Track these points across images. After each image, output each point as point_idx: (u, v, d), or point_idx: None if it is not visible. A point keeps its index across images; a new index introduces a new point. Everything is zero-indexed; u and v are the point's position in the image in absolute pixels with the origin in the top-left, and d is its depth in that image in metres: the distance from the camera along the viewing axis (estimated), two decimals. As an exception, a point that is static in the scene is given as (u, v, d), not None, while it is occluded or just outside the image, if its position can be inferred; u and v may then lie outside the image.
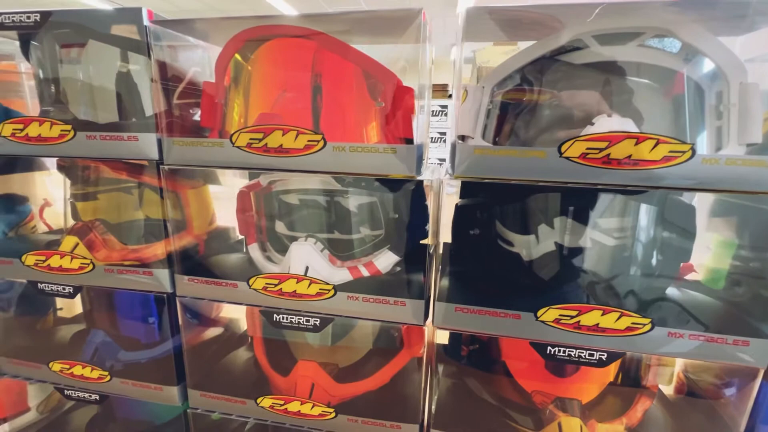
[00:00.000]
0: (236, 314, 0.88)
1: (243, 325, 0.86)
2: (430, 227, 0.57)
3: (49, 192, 0.87)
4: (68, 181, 0.75)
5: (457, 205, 0.57)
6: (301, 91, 0.59)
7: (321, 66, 0.58)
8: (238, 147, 0.54)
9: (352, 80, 0.59)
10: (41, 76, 0.66)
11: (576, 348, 0.51)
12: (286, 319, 0.59)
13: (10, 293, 0.81)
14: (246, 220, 0.71)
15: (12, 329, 0.76)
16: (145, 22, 0.54)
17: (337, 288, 0.56)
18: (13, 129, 0.60)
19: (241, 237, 0.81)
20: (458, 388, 0.61)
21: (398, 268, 0.64)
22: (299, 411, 0.63)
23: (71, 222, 0.76)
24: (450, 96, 3.08)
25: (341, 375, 0.69)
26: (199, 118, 0.67)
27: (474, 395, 0.63)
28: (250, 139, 0.53)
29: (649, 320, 0.47)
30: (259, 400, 0.64)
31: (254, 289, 0.59)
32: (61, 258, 0.63)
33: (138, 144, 0.57)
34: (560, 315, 0.50)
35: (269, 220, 0.71)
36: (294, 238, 0.70)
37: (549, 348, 0.51)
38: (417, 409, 0.63)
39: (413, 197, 0.61)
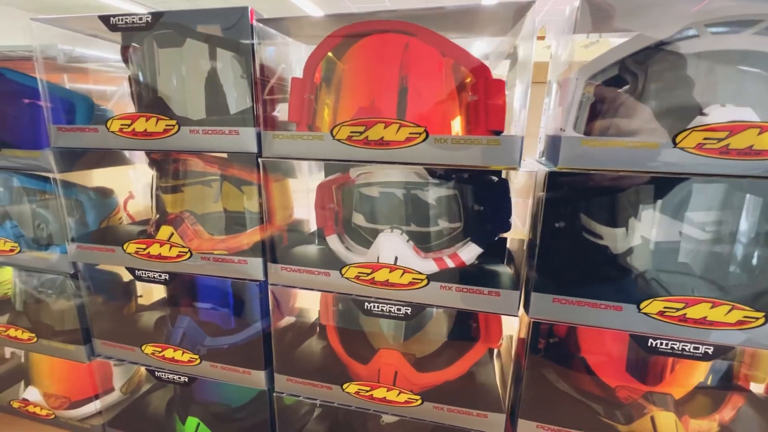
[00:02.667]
0: (305, 304, 0.90)
1: (312, 315, 0.89)
2: (528, 220, 0.57)
3: (133, 185, 0.92)
4: (155, 175, 0.79)
5: (546, 197, 0.57)
6: (391, 86, 0.60)
7: (411, 61, 0.59)
8: (338, 140, 0.55)
9: (441, 75, 0.60)
10: (140, 78, 0.70)
11: (680, 341, 0.50)
12: (378, 307, 0.61)
13: (98, 281, 0.86)
14: (325, 212, 0.73)
15: (102, 314, 0.81)
16: (251, 21, 0.57)
17: (430, 278, 0.58)
18: (121, 125, 0.63)
19: (313, 229, 0.84)
20: (539, 380, 0.62)
21: (476, 261, 0.65)
22: (384, 398, 0.64)
23: (156, 214, 0.81)
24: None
25: (418, 365, 0.70)
26: (277, 114, 0.69)
27: (556, 388, 0.63)
28: (351, 132, 0.55)
29: (762, 314, 0.47)
30: (345, 386, 0.66)
31: (346, 278, 0.61)
32: (160, 246, 0.67)
33: (238, 138, 0.60)
34: (665, 307, 0.49)
35: (348, 213, 0.73)
36: (374, 230, 0.72)
37: (650, 341, 0.51)
38: (499, 399, 0.64)
39: (499, 189, 0.62)
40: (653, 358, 0.62)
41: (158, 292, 0.98)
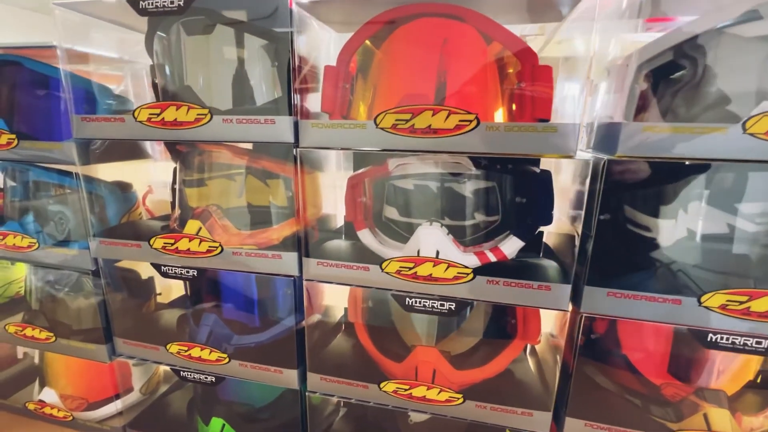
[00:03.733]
0: (329, 301, 0.88)
1: (336, 313, 0.86)
2: (568, 212, 0.55)
3: (150, 179, 0.90)
4: (178, 168, 0.76)
5: (603, 187, 0.55)
6: (432, 74, 0.58)
7: (454, 48, 0.57)
8: (382, 128, 0.53)
9: (485, 63, 0.58)
10: (166, 68, 0.67)
11: (742, 335, 0.48)
12: (420, 303, 0.58)
13: (116, 279, 0.83)
14: (356, 206, 0.71)
15: (122, 312, 0.78)
16: (290, 5, 0.54)
17: (476, 272, 0.56)
18: (150, 114, 0.61)
19: (339, 225, 0.82)
20: (586, 378, 0.60)
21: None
22: (424, 396, 0.62)
23: (178, 209, 0.78)
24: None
25: (454, 362, 0.68)
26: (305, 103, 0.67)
27: (601, 385, 0.61)
28: (396, 120, 0.52)
29: (831, 306, 0.45)
30: (382, 385, 0.64)
31: (387, 273, 0.58)
32: (189, 241, 0.64)
33: (274, 127, 0.58)
34: (728, 300, 0.48)
35: (380, 206, 0.71)
36: (407, 224, 0.70)
37: (711, 335, 0.49)
38: (542, 397, 0.62)
39: (542, 181, 0.60)
40: (699, 354, 0.60)
41: (177, 289, 0.95)
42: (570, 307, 0.55)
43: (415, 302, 0.59)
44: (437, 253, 0.58)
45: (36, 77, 0.71)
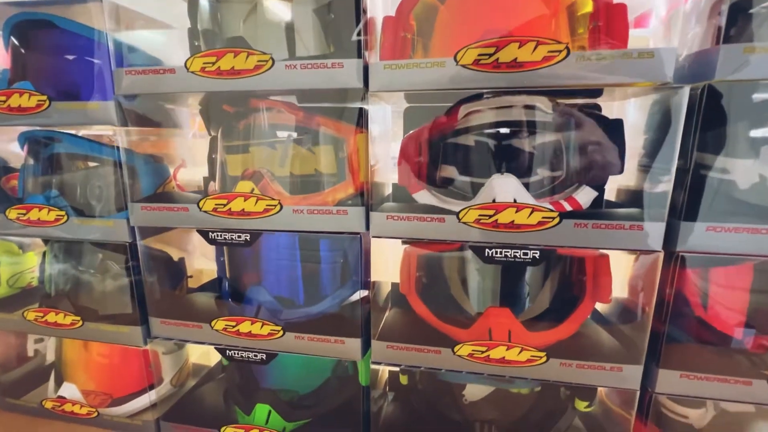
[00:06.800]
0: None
1: (383, 289, 0.82)
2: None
3: (178, 153, 0.85)
4: (220, 133, 0.72)
5: (703, 115, 0.53)
6: (508, 11, 0.56)
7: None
8: (463, 65, 0.51)
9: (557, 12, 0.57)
10: (210, 28, 0.63)
11: None
12: (501, 253, 0.55)
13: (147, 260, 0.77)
14: (411, 167, 0.68)
15: (155, 294, 0.72)
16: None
17: (562, 216, 0.53)
18: (204, 63, 0.57)
19: (387, 193, 0.78)
20: (677, 325, 0.57)
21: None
22: (503, 358, 0.58)
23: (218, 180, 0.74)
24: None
25: (526, 325, 0.65)
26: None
27: (692, 334, 0.59)
28: (479, 54, 0.50)
29: None
30: (456, 349, 0.60)
31: (464, 222, 0.55)
32: (244, 200, 0.60)
33: (342, 71, 0.54)
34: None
35: (436, 166, 0.68)
36: (467, 184, 0.67)
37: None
38: (626, 352, 0.59)
39: (614, 129, 0.58)
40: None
41: (207, 274, 0.89)
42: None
43: (496, 253, 0.55)
44: (515, 201, 0.55)
45: (68, 37, 0.66)
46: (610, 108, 0.69)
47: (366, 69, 0.55)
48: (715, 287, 0.57)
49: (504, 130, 0.66)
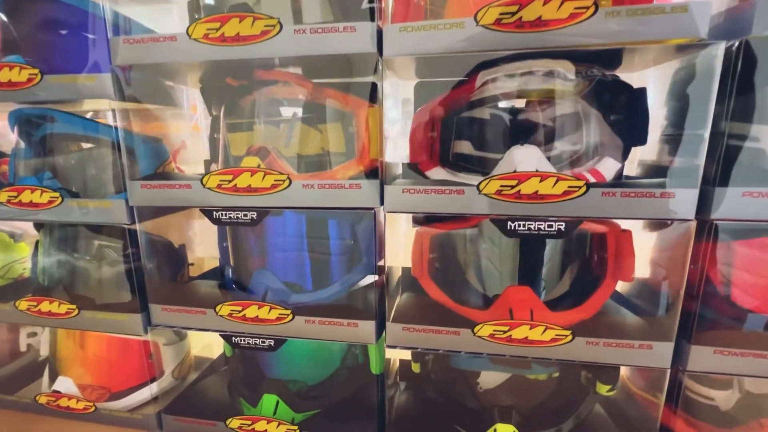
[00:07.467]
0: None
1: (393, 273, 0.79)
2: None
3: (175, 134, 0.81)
4: (222, 112, 0.69)
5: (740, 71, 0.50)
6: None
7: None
8: (483, 25, 0.48)
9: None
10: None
11: None
12: (524, 225, 0.52)
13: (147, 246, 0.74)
14: (424, 143, 0.65)
15: (155, 281, 0.69)
16: None
17: (589, 185, 0.50)
18: (207, 29, 0.54)
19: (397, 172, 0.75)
20: (709, 298, 0.54)
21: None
22: (526, 338, 0.56)
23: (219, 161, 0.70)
24: None
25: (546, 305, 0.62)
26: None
27: (724, 309, 0.56)
28: (501, 13, 0.47)
29: None
30: (476, 329, 0.57)
31: (485, 194, 0.52)
32: (251, 176, 0.57)
33: (355, 36, 0.51)
34: None
35: (450, 142, 0.65)
36: (482, 160, 0.64)
37: None
38: (651, 330, 0.56)
39: (638, 98, 0.56)
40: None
41: (209, 262, 0.86)
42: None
43: (519, 225, 0.52)
44: (537, 171, 0.53)
45: (62, 9, 0.63)
46: (628, 80, 0.66)
47: (380, 34, 0.52)
48: (747, 260, 0.55)
49: (522, 103, 0.64)
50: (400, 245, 0.71)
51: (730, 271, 0.56)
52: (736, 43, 0.44)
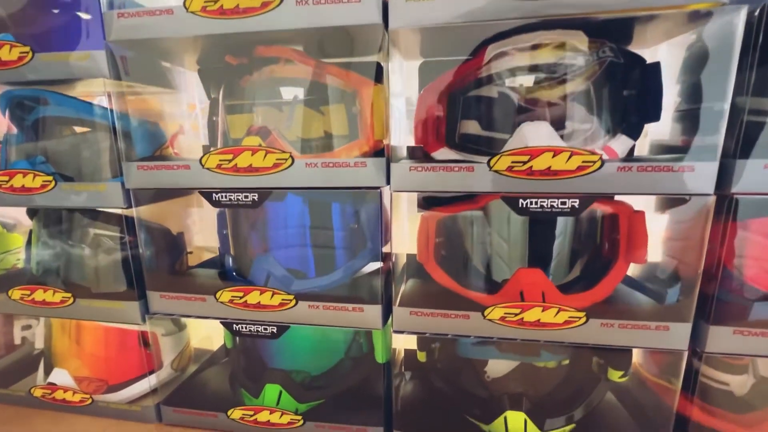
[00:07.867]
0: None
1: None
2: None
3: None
4: (222, 94, 0.67)
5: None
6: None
7: None
8: (495, -8, 0.46)
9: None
10: None
11: None
12: (536, 203, 0.50)
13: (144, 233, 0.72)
14: (430, 123, 0.63)
15: (153, 269, 0.67)
16: None
17: (604, 160, 0.48)
18: (205, 2, 0.52)
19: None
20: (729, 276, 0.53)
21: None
22: (539, 320, 0.54)
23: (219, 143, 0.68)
24: None
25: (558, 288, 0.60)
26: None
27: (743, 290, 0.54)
28: (514, -21, 0.45)
29: None
30: (486, 313, 0.55)
31: (496, 171, 0.50)
32: (252, 155, 0.55)
33: (360, 6, 0.49)
34: None
35: (456, 122, 0.63)
36: (489, 140, 0.62)
37: None
38: (667, 311, 0.55)
39: (652, 73, 0.54)
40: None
41: (208, 252, 0.84)
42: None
43: (531, 203, 0.51)
44: (549, 148, 0.51)
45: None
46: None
47: (385, 6, 0.50)
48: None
49: (531, 80, 0.62)
50: (405, 233, 0.69)
51: (747, 251, 0.55)
52: (759, 8, 0.43)
